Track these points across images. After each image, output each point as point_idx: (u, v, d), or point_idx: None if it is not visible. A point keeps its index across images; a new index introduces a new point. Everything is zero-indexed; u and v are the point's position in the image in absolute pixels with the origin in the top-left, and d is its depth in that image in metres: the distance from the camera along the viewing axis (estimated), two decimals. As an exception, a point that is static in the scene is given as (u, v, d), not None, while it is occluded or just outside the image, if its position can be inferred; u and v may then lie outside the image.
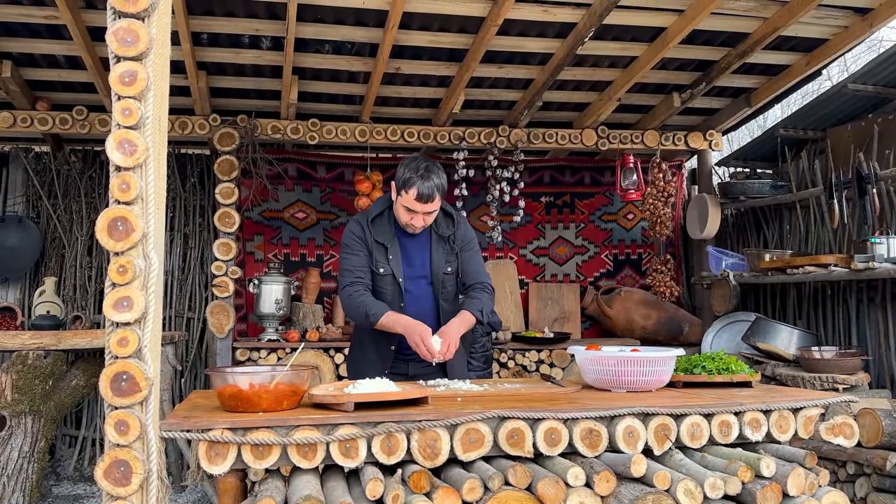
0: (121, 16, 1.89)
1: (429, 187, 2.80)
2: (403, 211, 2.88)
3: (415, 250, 3.03)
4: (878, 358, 4.52)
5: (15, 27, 4.10)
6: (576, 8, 3.93)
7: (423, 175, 2.80)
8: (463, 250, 3.07)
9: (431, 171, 2.82)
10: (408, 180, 2.81)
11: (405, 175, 2.82)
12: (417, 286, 3.03)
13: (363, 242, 2.98)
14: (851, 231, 4.78)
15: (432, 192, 2.82)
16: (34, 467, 3.80)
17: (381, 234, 2.98)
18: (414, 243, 3.03)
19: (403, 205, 2.86)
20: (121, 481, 1.81)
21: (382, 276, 2.98)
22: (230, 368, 2.34)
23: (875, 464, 3.46)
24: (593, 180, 6.31)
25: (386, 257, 2.97)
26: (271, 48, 4.32)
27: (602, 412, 2.13)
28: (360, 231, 2.99)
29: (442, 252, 3.03)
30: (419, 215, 2.87)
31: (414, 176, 2.80)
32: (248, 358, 5.00)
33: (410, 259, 3.02)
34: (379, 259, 2.97)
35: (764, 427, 2.28)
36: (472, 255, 3.10)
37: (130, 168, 1.86)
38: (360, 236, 2.98)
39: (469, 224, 3.17)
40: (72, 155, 5.57)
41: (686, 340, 5.55)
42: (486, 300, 3.02)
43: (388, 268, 2.97)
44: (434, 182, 2.82)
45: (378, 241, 2.97)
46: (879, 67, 4.51)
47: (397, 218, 2.96)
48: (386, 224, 3.00)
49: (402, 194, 2.84)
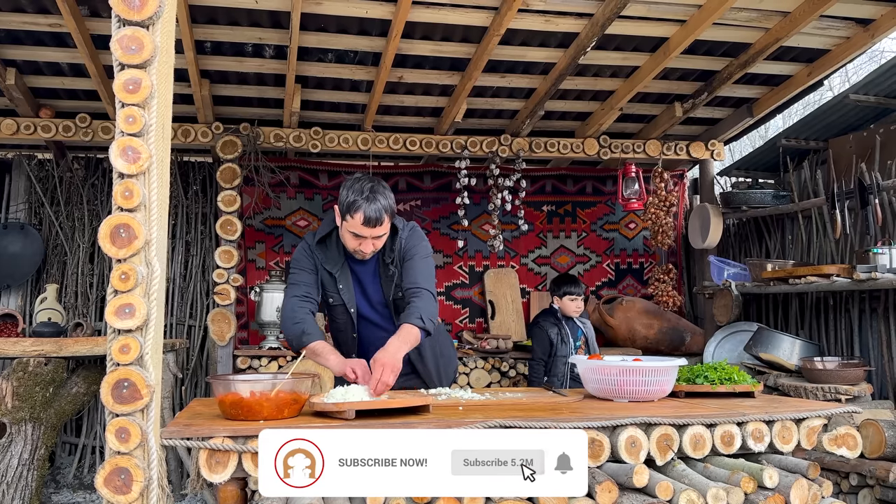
0: (125, 24, 1.90)
1: (376, 209, 2.56)
2: (350, 237, 2.64)
3: (366, 277, 2.81)
4: (880, 368, 4.51)
5: (19, 35, 4.12)
6: (578, 18, 3.95)
7: (369, 197, 2.55)
8: (404, 259, 2.77)
9: (377, 192, 2.58)
10: (352, 203, 2.56)
11: (349, 198, 2.57)
12: (374, 312, 2.84)
13: (312, 261, 2.77)
14: (854, 241, 4.77)
15: (380, 214, 2.57)
16: (34, 475, 3.79)
17: (328, 260, 2.77)
18: (363, 270, 2.81)
19: (350, 230, 2.62)
20: (121, 489, 1.80)
21: (333, 305, 2.80)
22: (231, 376, 2.34)
23: (878, 475, 3.44)
24: (595, 189, 6.31)
25: (336, 287, 2.77)
26: (274, 57, 4.33)
27: (604, 422, 2.13)
28: (308, 253, 2.78)
29: (390, 276, 2.78)
30: (367, 240, 2.63)
31: (359, 199, 2.55)
32: (249, 366, 5.00)
33: (363, 285, 2.81)
34: (328, 289, 2.78)
35: (767, 437, 2.27)
36: (411, 263, 2.76)
37: (134, 175, 1.87)
38: (309, 256, 2.77)
39: (418, 230, 2.86)
40: (74, 162, 5.58)
41: (688, 350, 5.53)
42: (423, 305, 2.65)
43: (337, 297, 2.78)
44: (381, 203, 2.57)
45: (326, 269, 2.76)
46: (881, 78, 4.52)
47: (344, 244, 2.72)
48: (333, 249, 2.77)
49: (348, 219, 2.59)
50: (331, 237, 2.78)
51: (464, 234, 5.85)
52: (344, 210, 2.61)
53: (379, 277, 2.82)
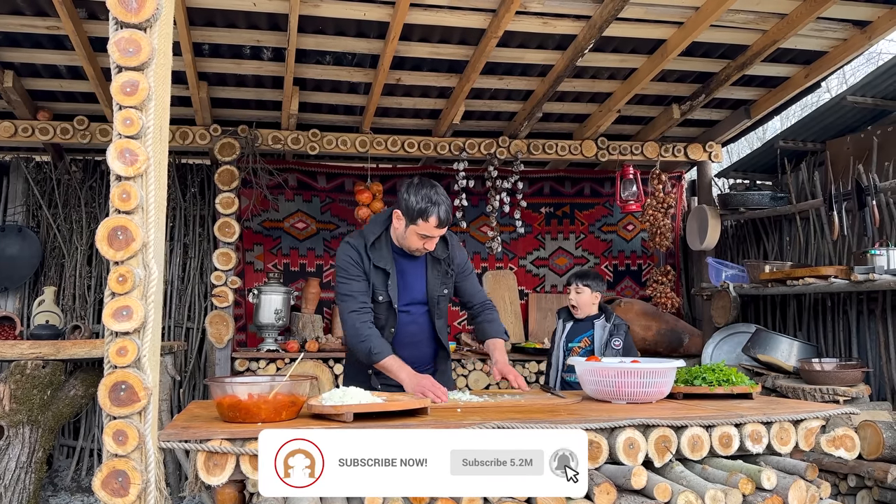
0: (123, 26, 1.90)
1: (446, 211, 2.82)
2: (417, 237, 2.84)
3: (412, 274, 3.00)
4: (878, 370, 4.51)
5: (17, 37, 4.12)
6: (576, 20, 3.95)
7: (437, 201, 2.80)
8: (462, 273, 3.10)
9: (441, 195, 2.84)
10: (424, 210, 2.78)
11: (420, 205, 2.78)
12: (413, 309, 3.02)
13: (361, 267, 2.91)
14: (851, 243, 4.78)
15: (449, 216, 2.84)
16: (31, 478, 3.78)
17: (380, 259, 2.93)
18: (411, 267, 2.99)
19: (419, 233, 2.82)
20: (119, 491, 1.80)
21: (380, 302, 2.94)
22: (229, 379, 2.34)
23: (876, 476, 3.44)
24: (593, 191, 6.32)
25: (385, 284, 2.92)
26: (272, 59, 4.33)
27: (602, 423, 2.13)
28: (357, 257, 2.92)
29: (438, 274, 3.02)
30: (433, 239, 2.88)
31: (430, 205, 2.78)
32: (247, 368, 4.99)
33: (407, 284, 2.99)
34: (377, 286, 2.92)
35: (765, 439, 2.27)
36: (471, 277, 3.16)
37: (131, 177, 1.87)
38: (358, 261, 2.91)
39: (460, 245, 3.17)
40: (72, 165, 5.57)
41: (686, 352, 5.53)
42: (499, 318, 3.18)
43: (385, 295, 2.93)
44: (447, 204, 2.83)
45: (378, 267, 2.92)
46: (878, 80, 4.53)
47: (402, 243, 2.92)
48: (384, 248, 2.95)
49: (419, 223, 2.80)
50: (381, 239, 2.95)
51: (462, 236, 5.85)
52: (415, 215, 2.80)
53: (426, 272, 3.01)
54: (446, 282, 3.05)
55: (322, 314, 5.68)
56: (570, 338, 3.88)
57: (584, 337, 3.86)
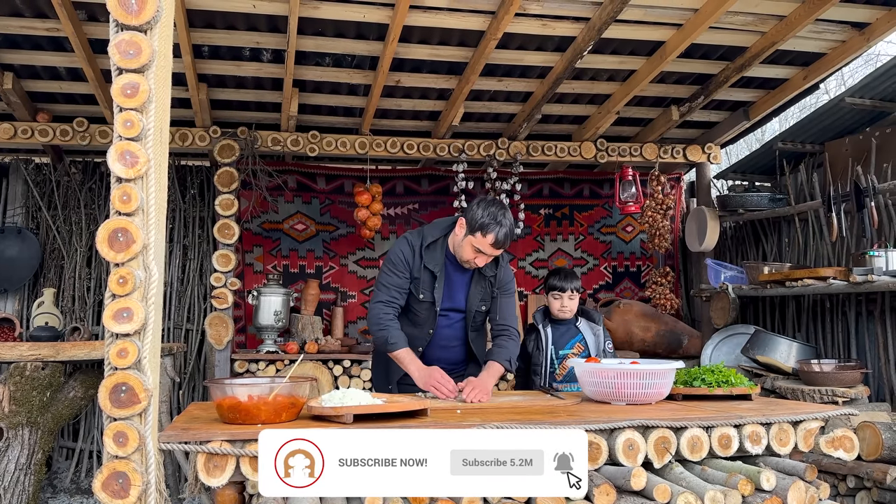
0: (123, 28, 1.90)
1: (505, 235, 2.86)
2: (471, 249, 2.91)
3: (457, 283, 3.08)
4: (877, 371, 4.52)
5: (16, 39, 4.12)
6: (575, 22, 3.96)
7: (502, 222, 2.84)
8: (502, 292, 3.13)
9: (507, 218, 2.87)
10: (486, 226, 2.83)
11: (484, 220, 2.84)
12: (453, 313, 3.11)
13: (408, 266, 3.00)
14: (850, 244, 4.79)
15: (507, 240, 2.88)
16: (31, 479, 3.78)
17: (431, 260, 3.01)
18: (457, 277, 3.07)
19: (475, 245, 2.88)
20: (119, 493, 1.80)
21: (421, 301, 3.02)
22: (229, 380, 2.34)
23: (875, 477, 3.45)
24: (592, 193, 6.32)
25: (431, 286, 3.01)
26: (272, 61, 4.34)
27: (602, 424, 2.13)
28: (409, 254, 3.01)
29: (480, 290, 3.08)
30: (485, 256, 2.92)
31: (493, 223, 2.83)
32: (246, 370, 4.99)
33: (451, 291, 3.07)
34: (423, 285, 3.01)
35: (764, 440, 2.28)
36: (509, 298, 3.16)
37: (131, 179, 1.87)
38: (408, 260, 3.00)
39: (509, 266, 3.21)
40: (72, 166, 5.57)
41: (685, 353, 5.54)
42: (512, 348, 3.07)
43: (429, 295, 3.01)
44: (509, 229, 2.87)
45: (427, 268, 3.00)
46: (876, 81, 4.53)
47: (456, 252, 3.00)
48: (438, 251, 3.03)
49: (478, 236, 2.86)
50: (437, 243, 3.04)
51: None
52: (476, 228, 2.86)
53: (469, 285, 3.08)
54: (486, 299, 3.10)
55: (321, 316, 5.68)
56: (559, 344, 3.56)
57: (576, 342, 3.58)
